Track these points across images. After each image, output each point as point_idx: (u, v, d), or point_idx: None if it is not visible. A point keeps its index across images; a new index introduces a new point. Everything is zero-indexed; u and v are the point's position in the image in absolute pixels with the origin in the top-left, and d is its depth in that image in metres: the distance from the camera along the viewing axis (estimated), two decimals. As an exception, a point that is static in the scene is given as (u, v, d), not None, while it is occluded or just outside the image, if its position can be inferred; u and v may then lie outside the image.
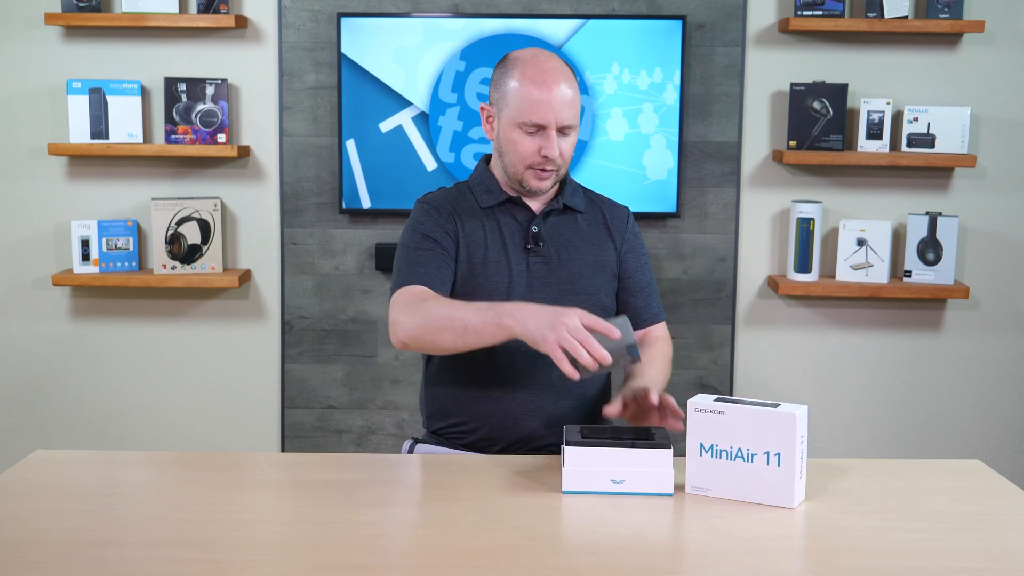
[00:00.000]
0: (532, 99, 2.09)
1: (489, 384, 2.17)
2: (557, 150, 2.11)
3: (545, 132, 2.11)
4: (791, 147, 3.43)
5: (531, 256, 2.18)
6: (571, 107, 2.11)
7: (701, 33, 3.45)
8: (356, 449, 3.61)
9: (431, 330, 1.97)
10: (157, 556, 1.59)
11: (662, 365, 2.23)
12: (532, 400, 2.16)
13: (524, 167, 2.15)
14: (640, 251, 2.30)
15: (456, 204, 2.21)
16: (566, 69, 2.14)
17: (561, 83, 2.10)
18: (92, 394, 3.61)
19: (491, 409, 2.17)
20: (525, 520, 1.72)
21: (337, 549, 1.62)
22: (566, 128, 2.12)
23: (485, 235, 2.19)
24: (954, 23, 3.33)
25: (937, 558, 1.61)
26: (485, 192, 2.22)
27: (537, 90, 2.09)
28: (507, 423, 2.16)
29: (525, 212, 2.21)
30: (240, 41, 3.47)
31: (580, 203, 2.25)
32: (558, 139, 2.12)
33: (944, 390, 3.61)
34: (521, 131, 2.12)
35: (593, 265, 2.21)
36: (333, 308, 3.57)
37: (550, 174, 2.15)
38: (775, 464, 1.78)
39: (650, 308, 2.28)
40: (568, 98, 2.10)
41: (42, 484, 1.89)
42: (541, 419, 2.16)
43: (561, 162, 2.15)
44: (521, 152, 2.13)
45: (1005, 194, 3.53)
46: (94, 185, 3.53)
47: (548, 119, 2.10)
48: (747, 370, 3.60)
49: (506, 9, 3.43)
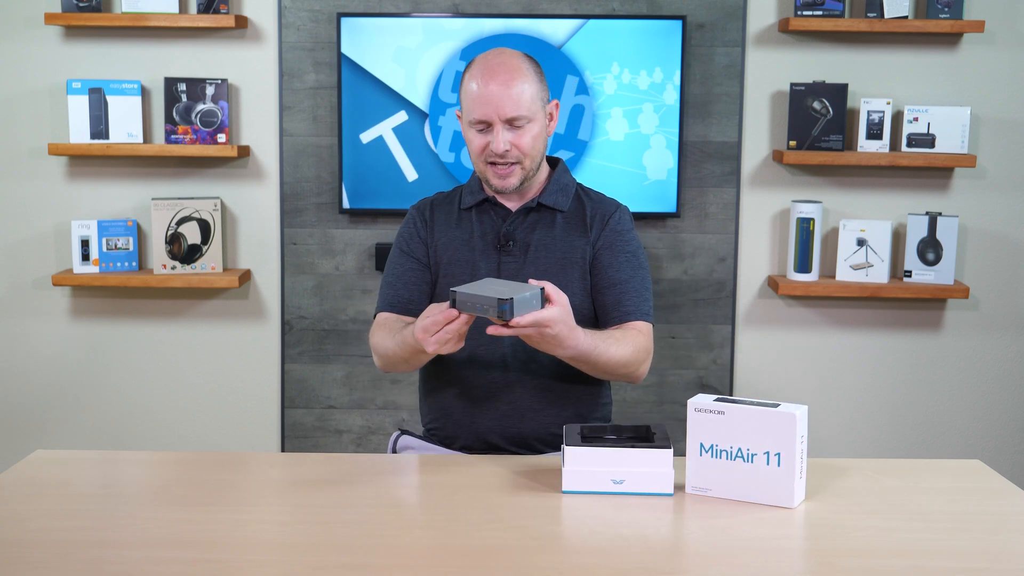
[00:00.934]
0: (474, 96, 2.12)
1: (475, 394, 2.18)
2: (502, 144, 2.10)
3: (492, 128, 2.12)
4: (791, 147, 3.43)
5: (503, 255, 2.19)
6: (515, 99, 2.09)
7: (701, 33, 3.45)
8: (356, 449, 3.61)
9: (389, 362, 2.17)
10: (157, 556, 1.59)
11: (605, 336, 2.07)
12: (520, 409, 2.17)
13: (483, 164, 2.16)
14: (619, 248, 2.20)
15: (439, 208, 2.27)
16: (515, 63, 2.13)
17: (500, 76, 2.10)
18: (92, 394, 3.61)
19: (478, 418, 2.18)
20: (525, 520, 1.72)
21: (337, 549, 1.62)
22: (514, 120, 2.10)
23: (459, 236, 2.22)
24: (954, 23, 3.33)
25: (937, 558, 1.61)
26: (469, 193, 2.26)
27: (478, 86, 2.11)
28: (468, 426, 2.18)
29: (500, 211, 2.23)
30: (240, 41, 3.47)
31: (564, 202, 2.22)
32: (507, 132, 2.11)
33: (944, 390, 3.61)
34: (473, 129, 2.14)
35: (560, 263, 2.17)
36: (333, 308, 3.57)
37: (511, 169, 2.14)
38: (775, 464, 1.78)
39: (622, 306, 2.16)
40: (509, 91, 2.09)
41: (42, 484, 1.89)
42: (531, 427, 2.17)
43: (519, 155, 2.13)
44: (474, 149, 2.16)
45: (1005, 194, 3.53)
46: (94, 185, 3.53)
47: (489, 114, 2.10)
48: (747, 370, 3.60)
49: (506, 9, 3.43)
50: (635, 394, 3.57)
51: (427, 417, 2.28)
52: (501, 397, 2.17)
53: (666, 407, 3.59)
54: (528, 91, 2.12)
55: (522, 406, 2.16)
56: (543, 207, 2.22)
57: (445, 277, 2.20)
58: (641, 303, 2.18)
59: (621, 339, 2.09)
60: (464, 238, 2.21)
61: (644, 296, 2.19)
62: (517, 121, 2.11)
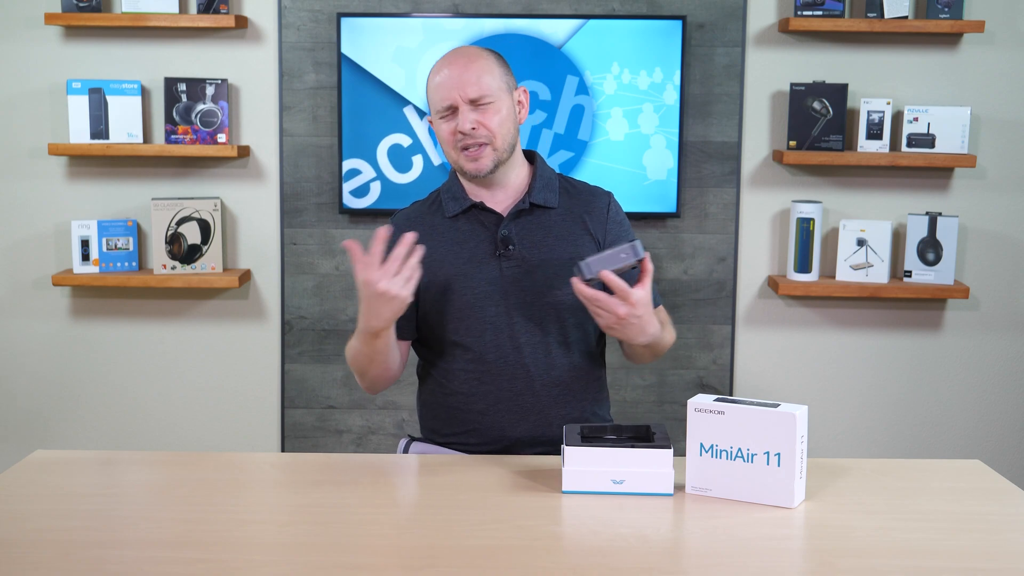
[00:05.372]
0: (434, 85, 2.13)
1: (473, 398, 2.17)
2: (469, 122, 2.09)
3: (458, 112, 2.11)
4: (791, 147, 3.43)
5: (503, 261, 2.15)
6: (476, 78, 2.09)
7: (701, 33, 3.45)
8: (356, 449, 3.61)
9: (362, 372, 2.14)
10: (157, 556, 1.59)
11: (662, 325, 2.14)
12: (517, 411, 2.16)
13: (455, 152, 2.14)
14: (625, 239, 2.20)
15: (419, 222, 2.18)
16: (473, 52, 2.15)
17: (459, 61, 2.12)
18: (92, 394, 3.61)
19: (477, 421, 2.17)
20: (525, 520, 1.72)
21: (337, 549, 1.62)
22: (478, 100, 2.10)
23: (450, 250, 2.16)
24: (954, 23, 3.33)
25: (937, 558, 1.61)
26: (451, 199, 2.20)
27: (436, 76, 2.13)
28: (494, 434, 2.17)
29: (492, 216, 2.17)
30: (240, 41, 3.48)
31: (553, 198, 2.19)
32: (472, 112, 2.10)
33: (944, 390, 3.61)
34: (442, 121, 2.13)
35: (569, 263, 2.14)
36: (333, 308, 3.57)
37: (481, 149, 2.11)
38: (775, 464, 1.78)
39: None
40: (468, 73, 2.10)
41: (42, 484, 1.89)
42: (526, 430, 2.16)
43: (486, 133, 2.11)
44: (444, 137, 2.14)
45: (1005, 194, 3.53)
46: (94, 185, 3.53)
47: (452, 96, 2.10)
48: (747, 370, 3.60)
49: (506, 9, 3.43)
50: (635, 394, 3.57)
51: (441, 432, 2.23)
52: (527, 405, 2.15)
53: (666, 407, 3.59)
54: (488, 73, 2.12)
55: (550, 414, 2.15)
56: (535, 207, 2.18)
57: (442, 293, 2.15)
58: (654, 287, 2.19)
59: (664, 321, 2.18)
60: (456, 250, 2.16)
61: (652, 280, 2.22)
62: (480, 100, 2.10)
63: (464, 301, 2.13)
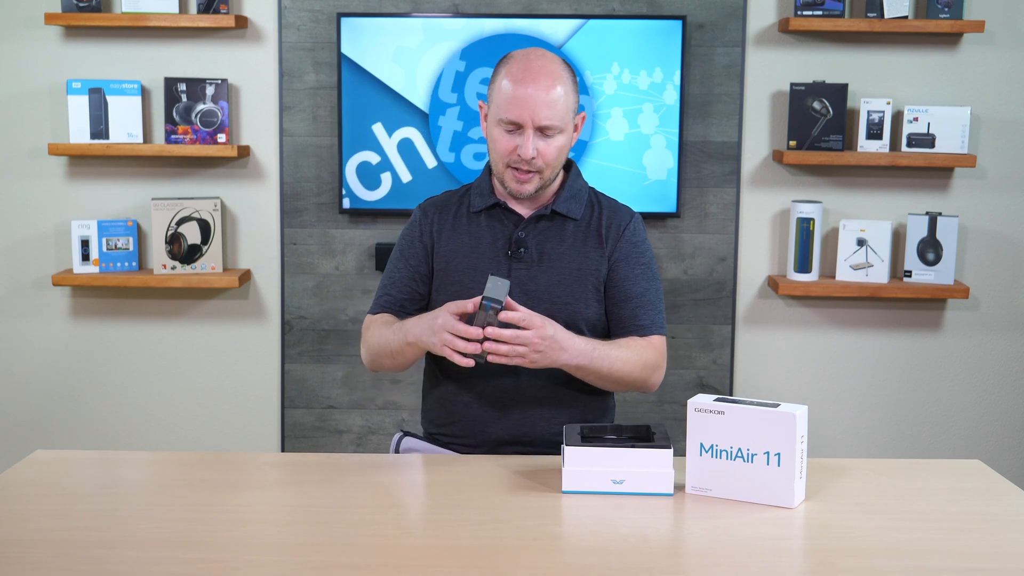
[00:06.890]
0: (510, 96, 2.08)
1: (461, 390, 2.18)
2: (531, 150, 2.07)
3: (523, 131, 2.08)
4: (791, 147, 3.43)
5: (514, 262, 2.16)
6: (551, 107, 2.06)
7: (701, 33, 3.45)
8: (356, 449, 3.61)
9: (376, 356, 2.18)
10: (157, 556, 1.59)
11: (612, 346, 2.09)
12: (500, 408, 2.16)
13: (504, 165, 2.12)
14: (636, 260, 2.19)
15: (446, 211, 2.23)
16: (556, 69, 2.09)
17: (542, 81, 2.06)
18: (92, 394, 3.61)
19: (461, 414, 2.18)
20: (525, 520, 1.72)
21: (337, 549, 1.62)
22: (546, 129, 2.07)
23: (468, 242, 2.19)
24: (954, 23, 3.33)
25: (937, 558, 1.61)
26: (479, 195, 2.22)
27: (516, 87, 2.07)
28: (475, 428, 2.17)
29: (513, 217, 2.19)
30: (240, 41, 3.48)
31: (577, 210, 2.19)
32: (536, 139, 2.07)
33: (944, 390, 3.61)
34: (501, 128, 2.10)
35: (575, 274, 2.16)
36: (333, 308, 3.57)
37: (530, 177, 2.11)
38: (775, 464, 1.78)
39: (637, 320, 2.17)
40: (548, 98, 2.06)
41: (42, 484, 1.89)
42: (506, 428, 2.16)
43: (542, 164, 2.10)
44: (499, 149, 2.11)
45: (1005, 194, 3.53)
46: (94, 185, 3.53)
47: (524, 117, 2.07)
48: (747, 370, 3.60)
49: (506, 9, 3.43)
50: (635, 394, 3.57)
51: (435, 422, 2.26)
52: (513, 404, 2.16)
53: (666, 407, 3.59)
54: (564, 101, 2.09)
55: (533, 414, 2.16)
56: (556, 214, 2.19)
57: (453, 284, 2.17)
58: (656, 315, 2.18)
59: (624, 345, 2.11)
60: (472, 244, 2.19)
61: (658, 308, 2.19)
62: (549, 130, 2.08)
63: (469, 294, 2.14)
